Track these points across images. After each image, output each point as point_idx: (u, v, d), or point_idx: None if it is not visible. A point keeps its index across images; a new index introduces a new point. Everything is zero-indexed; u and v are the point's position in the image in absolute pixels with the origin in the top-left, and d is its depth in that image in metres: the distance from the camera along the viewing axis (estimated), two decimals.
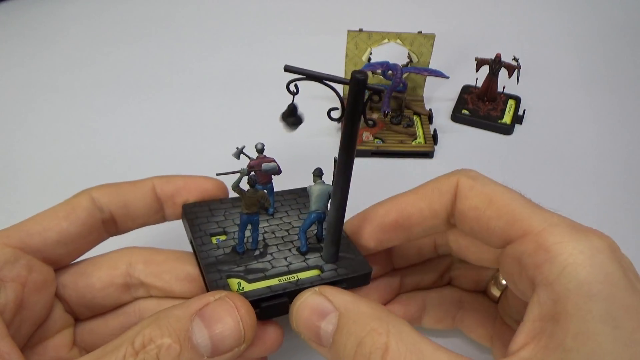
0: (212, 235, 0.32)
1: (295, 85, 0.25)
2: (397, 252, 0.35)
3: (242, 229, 0.31)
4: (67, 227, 0.30)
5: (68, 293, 0.31)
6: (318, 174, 0.32)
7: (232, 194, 0.32)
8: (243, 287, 0.29)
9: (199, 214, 0.33)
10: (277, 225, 0.34)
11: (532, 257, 0.25)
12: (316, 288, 0.27)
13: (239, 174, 0.30)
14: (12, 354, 0.25)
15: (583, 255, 0.23)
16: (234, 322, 0.25)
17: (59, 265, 0.31)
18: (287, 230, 0.34)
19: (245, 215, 0.31)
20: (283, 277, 0.30)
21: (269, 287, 0.29)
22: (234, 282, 0.29)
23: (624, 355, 0.22)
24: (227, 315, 0.25)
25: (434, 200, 0.30)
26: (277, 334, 0.29)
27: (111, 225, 0.32)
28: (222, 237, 0.32)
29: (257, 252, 0.32)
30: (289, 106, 0.27)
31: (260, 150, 0.33)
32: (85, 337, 0.32)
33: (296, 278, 0.30)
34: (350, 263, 0.31)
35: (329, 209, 0.30)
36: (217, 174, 0.32)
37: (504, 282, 0.34)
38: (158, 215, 0.33)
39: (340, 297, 0.26)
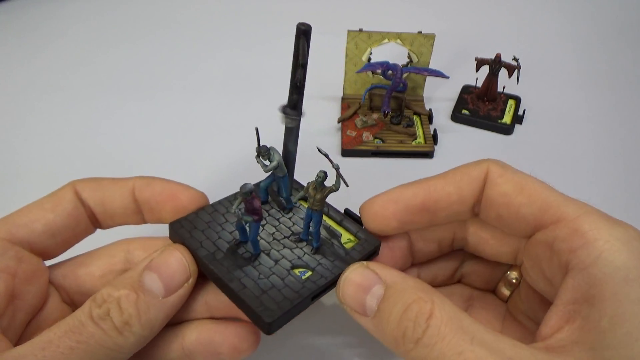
0: (295, 267, 0.30)
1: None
2: (418, 247, 0.35)
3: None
4: (53, 218, 0.30)
5: (68, 283, 0.31)
6: (266, 152, 0.32)
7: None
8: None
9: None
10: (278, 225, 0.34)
11: (566, 242, 0.25)
12: (364, 262, 0.28)
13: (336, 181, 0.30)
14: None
15: (619, 242, 0.24)
16: (177, 259, 0.28)
17: (49, 257, 0.31)
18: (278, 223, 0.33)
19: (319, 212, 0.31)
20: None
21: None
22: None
23: None
24: (170, 256, 0.28)
25: (463, 185, 0.30)
26: (249, 335, 0.30)
27: (95, 219, 0.32)
28: (309, 272, 0.30)
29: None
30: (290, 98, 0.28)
31: (249, 192, 0.29)
32: None
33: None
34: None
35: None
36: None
37: (514, 280, 0.35)
38: (137, 217, 0.33)
39: (387, 271, 0.27)
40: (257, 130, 0.31)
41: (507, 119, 0.57)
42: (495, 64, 0.56)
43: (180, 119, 0.57)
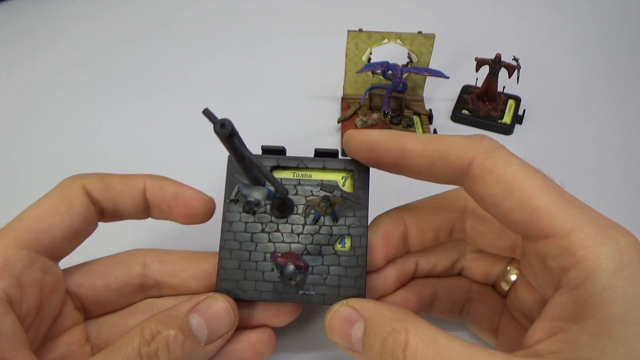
0: (335, 243, 0.32)
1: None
2: (414, 233, 0.35)
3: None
4: (71, 223, 0.30)
5: (83, 292, 0.31)
6: (258, 203, 0.32)
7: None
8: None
9: None
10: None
11: (557, 260, 0.25)
12: (343, 300, 0.29)
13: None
14: None
15: (608, 260, 0.23)
16: (225, 309, 0.29)
17: (60, 258, 0.31)
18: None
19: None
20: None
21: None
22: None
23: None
24: (218, 303, 0.29)
25: (436, 163, 0.28)
26: (270, 339, 0.32)
27: (100, 215, 0.33)
28: (348, 238, 0.32)
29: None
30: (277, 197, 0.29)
31: (294, 271, 0.31)
32: (101, 334, 0.32)
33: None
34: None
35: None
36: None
37: (513, 278, 0.35)
38: (144, 214, 0.33)
39: (364, 305, 0.28)
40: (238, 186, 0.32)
41: (507, 119, 0.57)
42: (495, 64, 0.56)
43: (180, 119, 0.57)
